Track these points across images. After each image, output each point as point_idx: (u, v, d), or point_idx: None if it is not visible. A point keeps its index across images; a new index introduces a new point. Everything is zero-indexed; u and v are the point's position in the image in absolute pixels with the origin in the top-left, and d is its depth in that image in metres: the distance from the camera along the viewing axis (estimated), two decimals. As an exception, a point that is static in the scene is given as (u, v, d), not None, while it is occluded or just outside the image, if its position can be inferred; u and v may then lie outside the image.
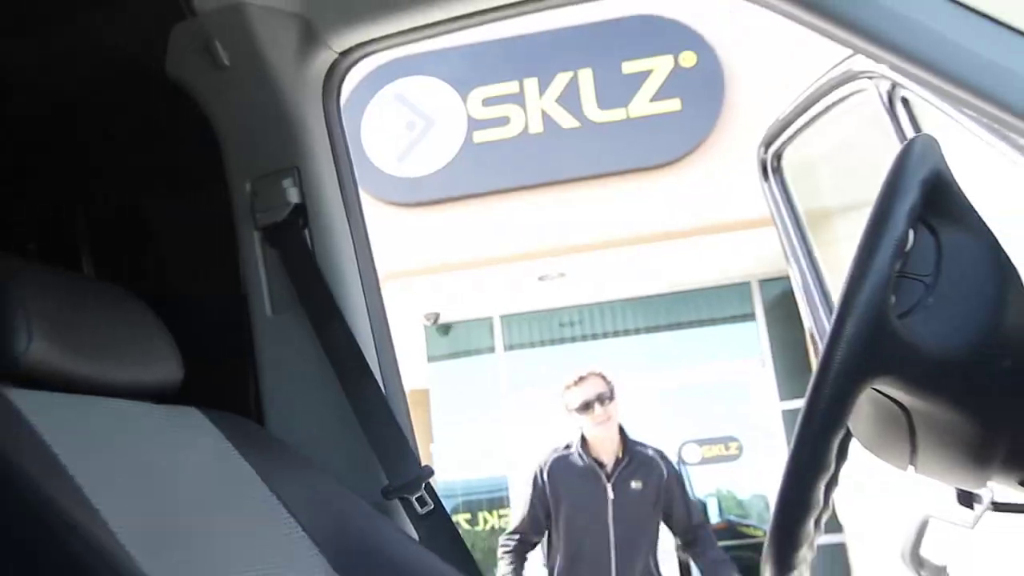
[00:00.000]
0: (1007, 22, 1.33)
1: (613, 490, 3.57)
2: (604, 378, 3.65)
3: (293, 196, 1.60)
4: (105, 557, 0.98)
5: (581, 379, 3.64)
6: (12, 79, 1.76)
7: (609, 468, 3.62)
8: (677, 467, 3.92)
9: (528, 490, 3.72)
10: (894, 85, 1.72)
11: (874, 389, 0.76)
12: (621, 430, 3.72)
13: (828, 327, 2.15)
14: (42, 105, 1.79)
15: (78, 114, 1.83)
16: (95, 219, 2.03)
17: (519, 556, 3.69)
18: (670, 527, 3.73)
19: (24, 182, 2.07)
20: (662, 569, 3.71)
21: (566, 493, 3.61)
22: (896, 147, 1.77)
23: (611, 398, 3.60)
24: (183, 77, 1.62)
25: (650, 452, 3.76)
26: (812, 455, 0.71)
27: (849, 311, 0.72)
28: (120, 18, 1.64)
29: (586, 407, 3.57)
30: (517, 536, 3.70)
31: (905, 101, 1.73)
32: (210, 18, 1.56)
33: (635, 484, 3.59)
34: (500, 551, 3.75)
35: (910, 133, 1.73)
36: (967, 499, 1.52)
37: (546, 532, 3.75)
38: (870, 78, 1.79)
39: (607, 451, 3.64)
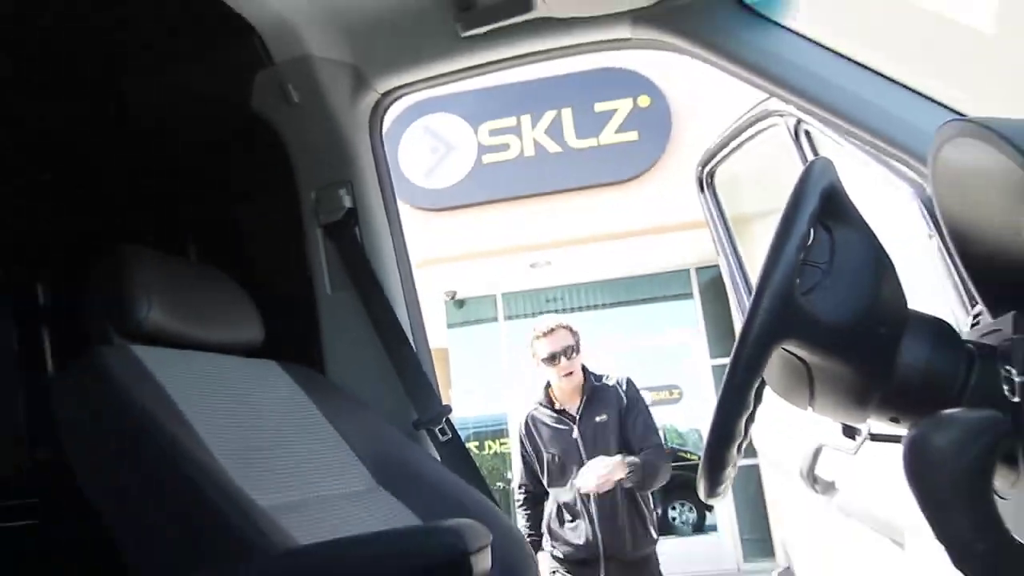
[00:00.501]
0: (884, 72, 1.32)
1: (579, 430, 2.86)
2: (571, 330, 2.95)
3: (347, 202, 1.60)
4: (207, 473, 0.98)
5: (551, 331, 2.92)
6: (140, 112, 1.75)
7: (574, 411, 2.91)
8: (638, 392, 3.09)
9: (518, 447, 3.09)
10: (799, 121, 1.70)
11: (783, 349, 0.75)
12: (584, 372, 2.96)
13: (748, 302, 2.14)
14: (160, 131, 1.78)
15: (186, 138, 1.81)
16: (198, 218, 2.02)
17: (532, 505, 3.03)
18: (628, 449, 2.87)
19: (143, 189, 2.06)
20: (650, 502, 2.96)
21: (543, 444, 2.92)
22: (800, 168, 1.76)
23: (576, 351, 2.91)
24: (264, 111, 1.61)
25: (610, 383, 2.98)
26: (736, 399, 0.70)
27: (765, 289, 0.71)
28: (219, 67, 1.63)
29: (552, 359, 2.87)
30: (523, 489, 3.05)
31: (807, 133, 1.71)
32: (284, 67, 1.55)
33: (599, 418, 2.88)
34: (515, 505, 3.13)
35: (811, 157, 1.72)
36: (850, 432, 1.52)
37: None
38: (780, 116, 1.78)
39: (571, 398, 2.94)
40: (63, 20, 1.54)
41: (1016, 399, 0.60)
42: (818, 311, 0.74)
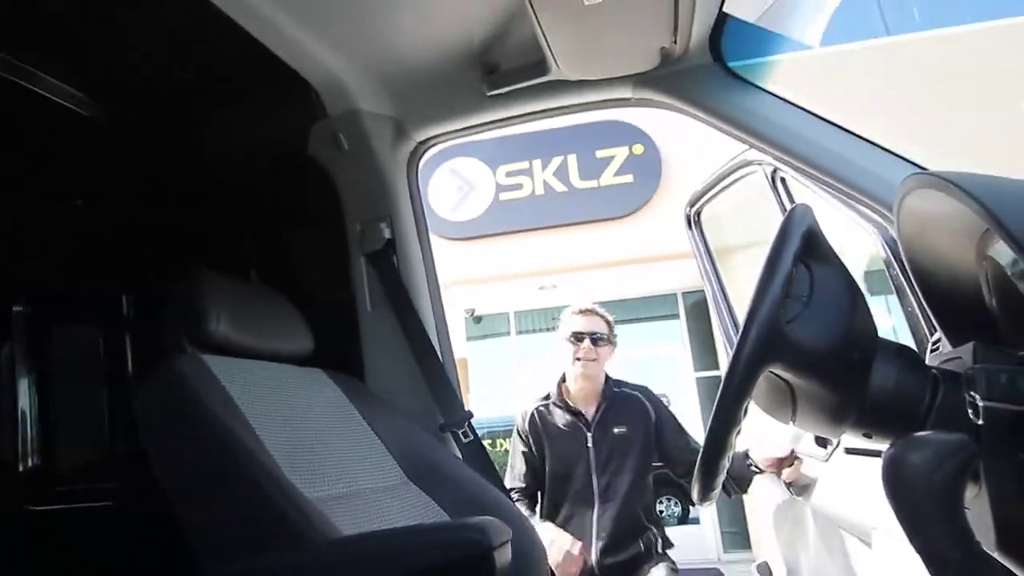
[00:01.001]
0: (851, 129, 1.32)
1: (593, 439, 2.13)
2: (608, 322, 2.30)
3: (387, 234, 1.60)
4: (264, 468, 0.97)
5: (587, 311, 2.32)
6: (214, 153, 1.77)
7: (589, 416, 2.18)
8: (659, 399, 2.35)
9: (516, 444, 2.27)
10: (775, 169, 1.70)
11: (769, 372, 0.73)
12: (606, 379, 2.26)
13: (729, 322, 2.11)
14: (230, 171, 1.79)
15: (252, 178, 1.83)
16: (259, 245, 2.03)
17: (528, 507, 2.21)
18: (669, 464, 2.20)
19: (214, 220, 2.08)
20: (657, 520, 2.21)
21: (548, 445, 2.17)
22: (776, 210, 1.75)
23: (606, 341, 2.24)
24: (318, 156, 1.62)
25: (634, 393, 2.27)
26: (728, 416, 0.69)
27: (754, 320, 0.70)
28: (282, 119, 1.65)
29: (578, 337, 2.20)
30: (517, 489, 2.23)
31: (783, 179, 1.70)
32: (336, 119, 1.56)
33: (617, 430, 2.15)
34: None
35: (786, 200, 1.70)
36: (822, 441, 1.49)
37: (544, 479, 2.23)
38: (759, 164, 1.77)
39: (587, 399, 2.21)
40: (155, 72, 1.56)
41: (979, 422, 0.58)
42: (800, 338, 0.73)
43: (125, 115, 1.71)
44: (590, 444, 2.14)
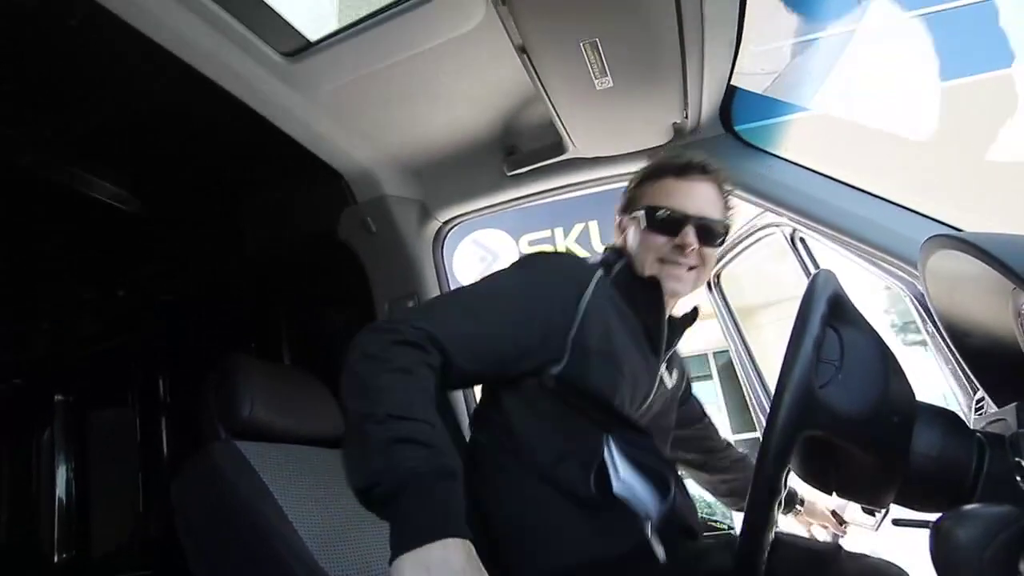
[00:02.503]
0: (868, 189, 1.33)
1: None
2: None
3: (414, 311, 1.63)
4: (296, 554, 0.96)
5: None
6: (250, 241, 1.84)
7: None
8: None
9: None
10: (795, 230, 1.70)
11: (807, 440, 0.72)
12: None
13: (757, 383, 2.04)
14: (265, 257, 1.86)
15: (286, 262, 1.90)
16: (292, 326, 2.08)
17: None
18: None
19: (249, 303, 2.14)
20: None
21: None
22: (796, 270, 1.73)
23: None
24: (348, 239, 1.68)
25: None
26: (768, 487, 0.67)
27: (787, 385, 0.69)
28: (313, 206, 1.72)
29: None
30: None
31: (802, 240, 1.70)
32: (365, 204, 1.63)
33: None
34: None
35: (807, 260, 1.69)
36: (869, 510, 1.41)
37: None
38: (777, 226, 1.77)
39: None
40: (192, 168, 1.66)
41: (1029, 489, 0.56)
42: (835, 403, 0.72)
43: (164, 208, 1.81)
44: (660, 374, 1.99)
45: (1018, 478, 0.55)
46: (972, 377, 0.87)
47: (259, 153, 1.56)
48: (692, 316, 1.19)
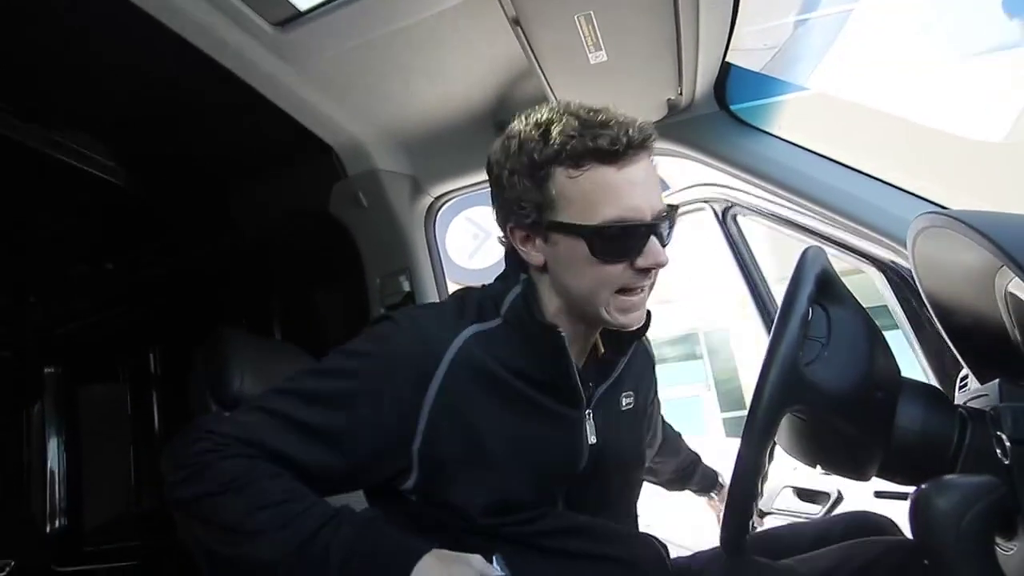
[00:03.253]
0: (858, 167, 1.33)
1: None
2: None
3: (406, 287, 1.62)
4: None
5: None
6: (240, 215, 1.83)
7: None
8: None
9: None
10: (728, 208, 1.62)
11: (793, 415, 0.73)
12: None
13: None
14: (254, 231, 1.85)
15: (275, 236, 1.88)
16: (283, 301, 2.07)
17: None
18: None
19: (240, 279, 2.13)
20: None
21: None
22: (724, 244, 1.66)
23: None
24: (339, 214, 1.67)
25: None
26: (753, 461, 0.68)
27: (772, 362, 0.70)
28: (303, 180, 1.70)
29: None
30: None
31: (735, 218, 1.65)
32: (356, 178, 1.61)
33: None
34: None
35: (738, 238, 1.64)
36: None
37: None
38: (707, 202, 1.67)
39: None
40: (183, 141, 1.63)
41: (1007, 462, 0.57)
42: (820, 380, 0.73)
43: (156, 183, 1.79)
44: None
45: (998, 451, 0.56)
46: (956, 354, 0.88)
47: (250, 126, 1.54)
48: (645, 327, 0.86)
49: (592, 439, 0.82)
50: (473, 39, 1.25)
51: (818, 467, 0.79)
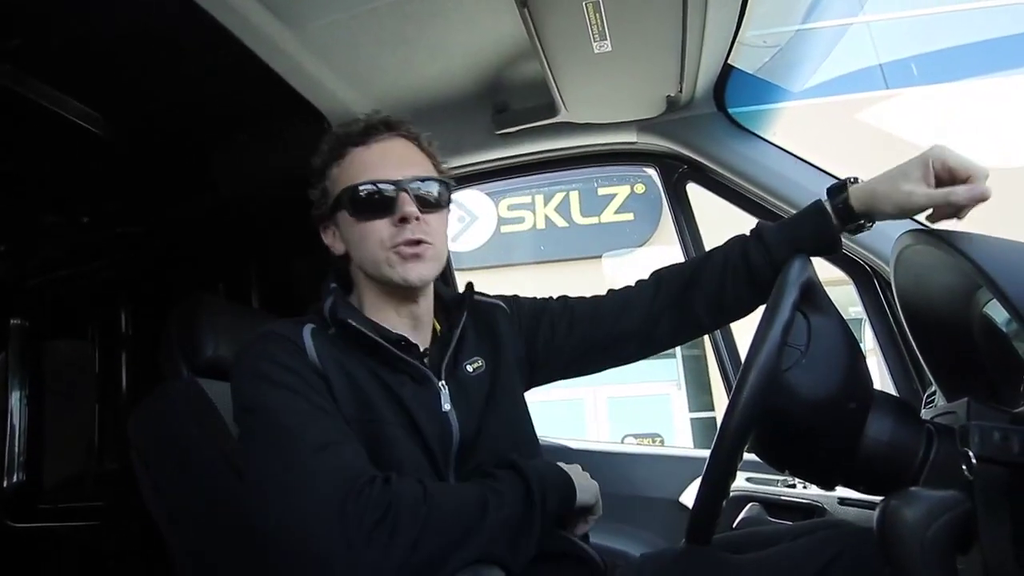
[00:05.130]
0: (833, 172, 1.35)
1: None
2: None
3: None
4: None
5: None
6: (223, 179, 1.79)
7: None
8: None
9: None
10: (681, 171, 1.51)
11: (766, 419, 0.74)
12: None
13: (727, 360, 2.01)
14: (238, 195, 1.81)
15: (259, 205, 1.85)
16: (262, 268, 2.04)
17: None
18: None
19: (219, 244, 2.09)
20: None
21: None
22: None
23: None
24: None
25: None
26: (726, 462, 0.69)
27: (752, 366, 0.71)
28: (291, 147, 1.64)
29: None
30: None
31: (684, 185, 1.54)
32: None
33: None
34: None
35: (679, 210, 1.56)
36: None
37: None
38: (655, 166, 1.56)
39: None
40: (169, 95, 1.59)
41: (971, 478, 0.59)
42: (797, 386, 0.74)
43: (136, 135, 1.74)
44: None
45: (963, 467, 0.58)
46: (927, 369, 0.91)
47: (240, 86, 1.50)
48: (465, 298, 0.96)
49: (446, 406, 0.87)
50: (477, 18, 1.24)
51: (787, 472, 0.81)
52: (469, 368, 0.93)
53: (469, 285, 0.98)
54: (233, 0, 1.12)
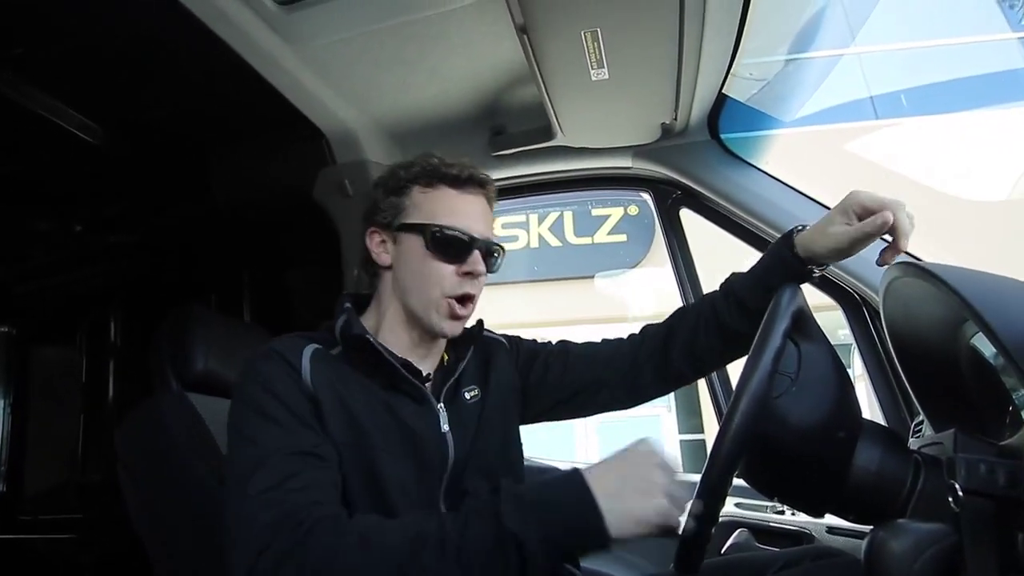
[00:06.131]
0: (823, 201, 1.37)
1: None
2: None
3: (383, 280, 1.60)
4: None
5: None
6: (220, 189, 1.78)
7: None
8: None
9: None
10: (674, 197, 1.55)
11: (755, 447, 0.74)
12: None
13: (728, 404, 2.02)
14: (234, 207, 1.81)
15: (256, 216, 1.85)
16: (255, 281, 2.04)
17: None
18: None
19: (211, 255, 2.09)
20: None
21: None
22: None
23: None
24: (323, 200, 1.65)
25: None
26: (716, 488, 0.68)
27: (743, 392, 0.71)
28: (290, 162, 1.68)
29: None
30: None
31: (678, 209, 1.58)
32: (345, 167, 1.59)
33: None
34: None
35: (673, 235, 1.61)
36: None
37: None
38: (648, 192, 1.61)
39: None
40: (169, 106, 1.59)
41: (958, 510, 0.59)
42: (787, 413, 0.74)
43: (133, 145, 1.74)
44: None
45: (950, 499, 0.58)
46: (915, 399, 0.91)
47: (240, 101, 1.51)
48: (476, 333, 1.00)
49: (445, 427, 0.90)
50: (477, 42, 1.25)
51: (776, 499, 0.81)
52: (467, 395, 0.96)
53: (480, 323, 1.00)
54: (234, 15, 1.14)
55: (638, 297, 6.91)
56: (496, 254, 0.96)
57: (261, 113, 1.50)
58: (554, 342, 1.11)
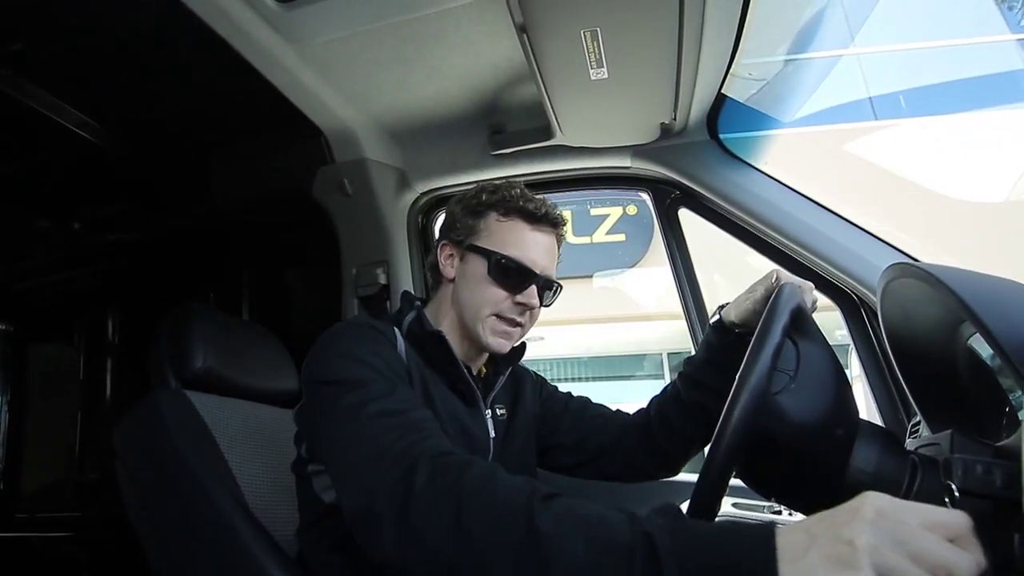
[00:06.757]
0: (835, 210, 1.37)
1: None
2: None
3: (382, 279, 1.60)
4: (237, 510, 0.95)
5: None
6: (220, 188, 1.79)
7: None
8: None
9: None
10: (673, 197, 1.55)
11: (753, 445, 0.74)
12: None
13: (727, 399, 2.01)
14: (232, 205, 1.81)
15: (255, 214, 1.85)
16: (254, 280, 2.04)
17: None
18: None
19: (210, 254, 2.09)
20: None
21: None
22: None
23: None
24: (322, 199, 1.65)
25: None
26: (715, 484, 0.69)
27: (743, 388, 0.71)
28: (288, 160, 1.68)
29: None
30: None
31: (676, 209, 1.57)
32: (343, 165, 1.59)
33: None
34: None
35: (671, 235, 1.59)
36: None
37: None
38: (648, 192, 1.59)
39: None
40: (169, 105, 1.59)
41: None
42: (786, 410, 0.74)
43: (133, 144, 1.74)
44: None
45: (946, 500, 0.58)
46: (912, 400, 0.91)
47: (239, 99, 1.51)
48: (519, 351, 1.04)
49: (492, 432, 0.99)
50: (476, 41, 1.25)
51: (772, 498, 0.81)
52: (497, 411, 1.04)
53: (523, 345, 1.05)
54: (234, 14, 1.13)
55: (637, 297, 6.91)
56: (552, 290, 1.01)
57: (260, 112, 1.50)
58: (574, 396, 1.19)
